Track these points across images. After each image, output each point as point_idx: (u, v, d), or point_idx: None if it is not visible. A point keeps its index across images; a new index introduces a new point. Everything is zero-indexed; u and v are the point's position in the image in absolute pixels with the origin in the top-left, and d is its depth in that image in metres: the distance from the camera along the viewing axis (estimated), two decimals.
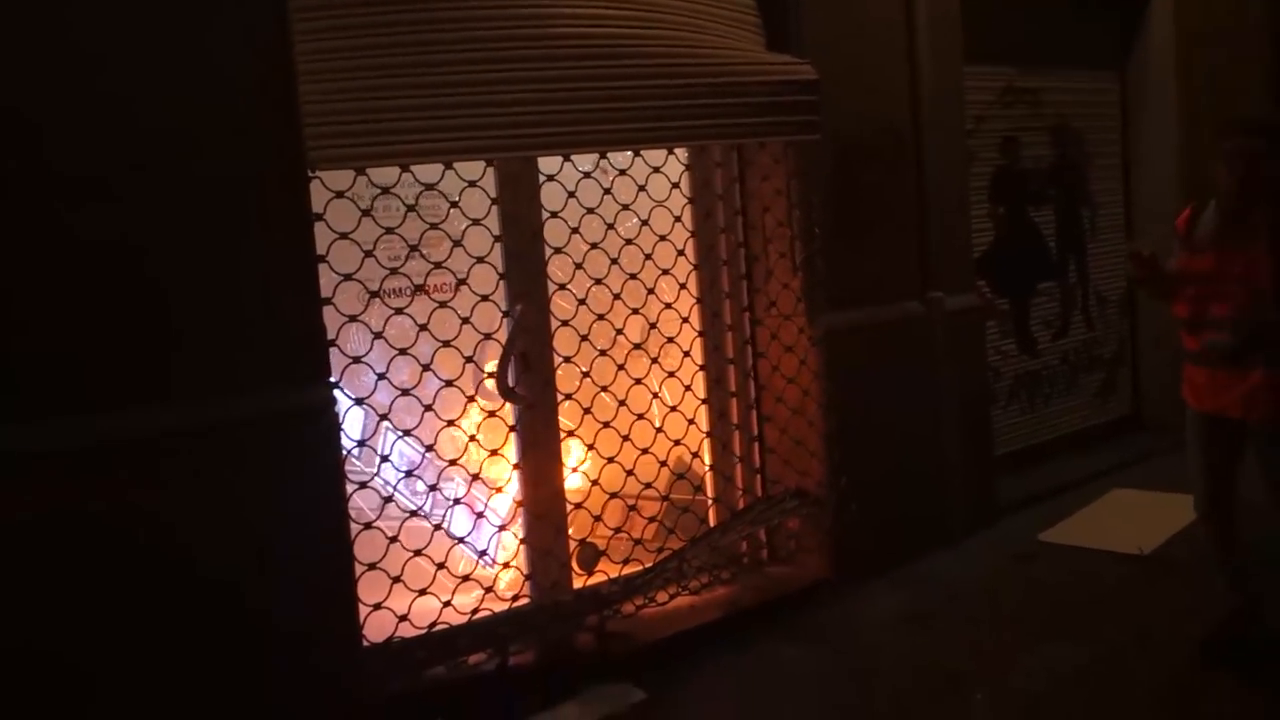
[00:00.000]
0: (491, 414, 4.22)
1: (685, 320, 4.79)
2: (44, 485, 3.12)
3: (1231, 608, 4.17)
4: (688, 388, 4.81)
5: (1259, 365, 3.82)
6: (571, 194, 4.34)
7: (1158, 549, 5.42)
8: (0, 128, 3.09)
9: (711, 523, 4.96)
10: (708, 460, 5.03)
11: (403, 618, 3.91)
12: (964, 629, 4.71)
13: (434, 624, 4.02)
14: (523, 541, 4.40)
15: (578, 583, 4.64)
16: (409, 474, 4.02)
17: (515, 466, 4.36)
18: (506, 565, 4.34)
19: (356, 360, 3.79)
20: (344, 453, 3.69)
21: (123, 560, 3.24)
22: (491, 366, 4.33)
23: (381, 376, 3.85)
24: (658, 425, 4.73)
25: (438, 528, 4.09)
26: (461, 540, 4.17)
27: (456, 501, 4.24)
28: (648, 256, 4.60)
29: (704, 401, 4.94)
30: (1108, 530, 5.77)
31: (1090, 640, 4.48)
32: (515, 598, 4.32)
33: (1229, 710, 3.89)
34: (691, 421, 4.85)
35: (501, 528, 4.33)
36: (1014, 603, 4.97)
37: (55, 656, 3.15)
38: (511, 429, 4.30)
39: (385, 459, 3.94)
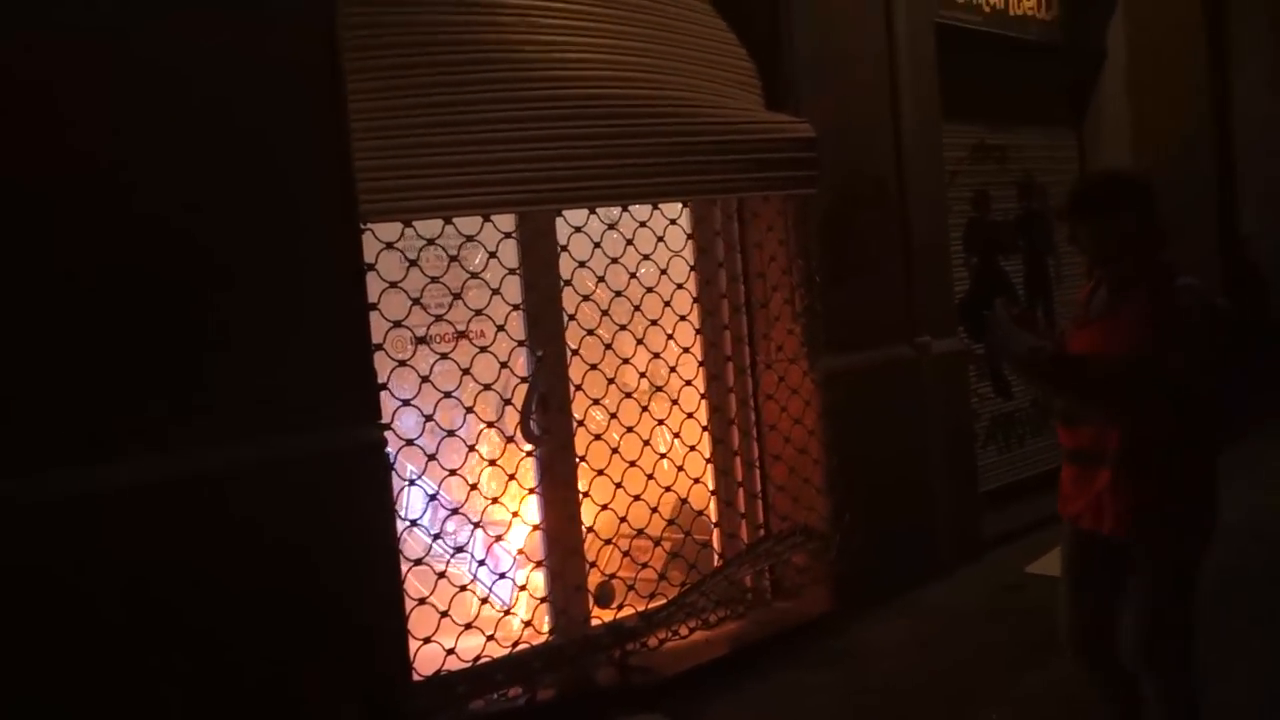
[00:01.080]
0: (530, 453, 4.42)
1: (701, 364, 5.04)
2: None
3: None
4: (705, 428, 5.05)
5: (1106, 464, 3.19)
6: (597, 245, 4.62)
7: None
8: (86, 182, 3.28)
9: (726, 558, 5.17)
10: (713, 499, 5.26)
11: (450, 651, 4.07)
12: (967, 652, 4.95)
13: (478, 658, 4.17)
14: (552, 576, 4.57)
15: (597, 619, 4.81)
16: (455, 512, 4.19)
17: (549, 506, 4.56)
18: (544, 599, 4.51)
19: (406, 403, 3.99)
20: (394, 491, 3.86)
21: (195, 581, 3.38)
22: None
23: (429, 419, 4.06)
24: (679, 464, 4.96)
25: (481, 563, 4.27)
26: (502, 576, 4.35)
27: (498, 539, 4.42)
28: (667, 304, 4.89)
29: (718, 442, 5.18)
30: None
31: None
32: (551, 631, 4.49)
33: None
34: (709, 461, 5.09)
35: (538, 564, 4.50)
36: (1010, 628, 5.21)
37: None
38: (546, 467, 4.51)
39: (434, 497, 4.11)
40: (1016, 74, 7.36)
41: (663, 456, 4.93)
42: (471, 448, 4.19)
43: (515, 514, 4.40)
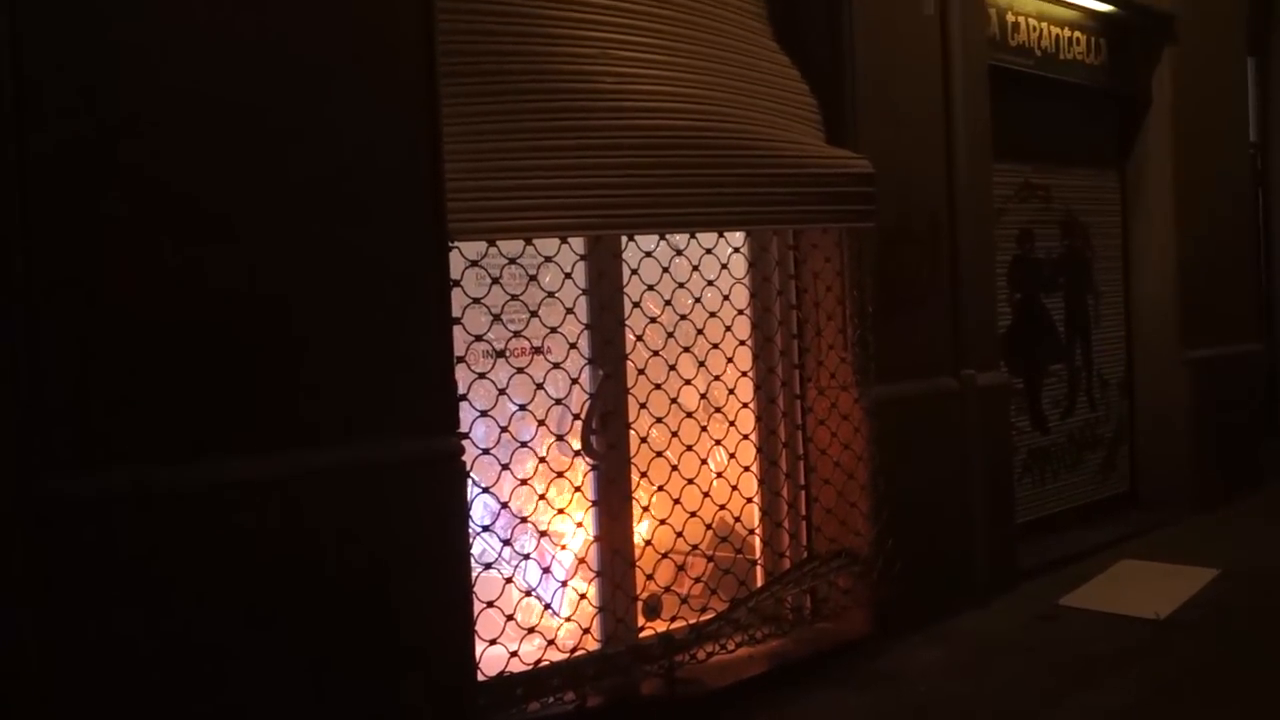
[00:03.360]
0: (594, 467, 4.60)
1: (759, 388, 5.23)
2: None
3: None
4: (759, 450, 5.22)
5: None
6: (665, 269, 4.80)
7: (1171, 614, 5.84)
8: (186, 204, 3.48)
9: (773, 576, 5.34)
10: (763, 519, 5.42)
11: (513, 654, 4.24)
12: (1003, 678, 5.09)
13: (537, 662, 4.35)
14: (608, 586, 4.74)
15: (649, 630, 4.98)
16: (523, 521, 4.37)
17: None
18: (600, 609, 4.67)
19: (484, 414, 4.18)
20: (469, 498, 4.05)
21: (278, 579, 3.58)
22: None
23: (504, 430, 4.25)
24: (733, 484, 5.13)
25: (546, 570, 4.44)
26: (563, 585, 4.53)
27: (561, 548, 4.59)
28: (728, 329, 5.08)
29: (770, 464, 5.35)
30: (1122, 596, 6.19)
31: (1119, 691, 4.88)
32: (605, 639, 4.65)
33: None
34: (761, 482, 5.26)
35: (596, 575, 4.67)
36: (1045, 657, 5.35)
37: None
38: (606, 481, 4.69)
39: (504, 505, 4.29)
40: (1063, 116, 7.57)
41: (719, 475, 5.10)
42: (542, 459, 4.37)
43: (580, 524, 4.58)
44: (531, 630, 4.35)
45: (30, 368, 3.19)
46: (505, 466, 4.25)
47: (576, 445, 4.61)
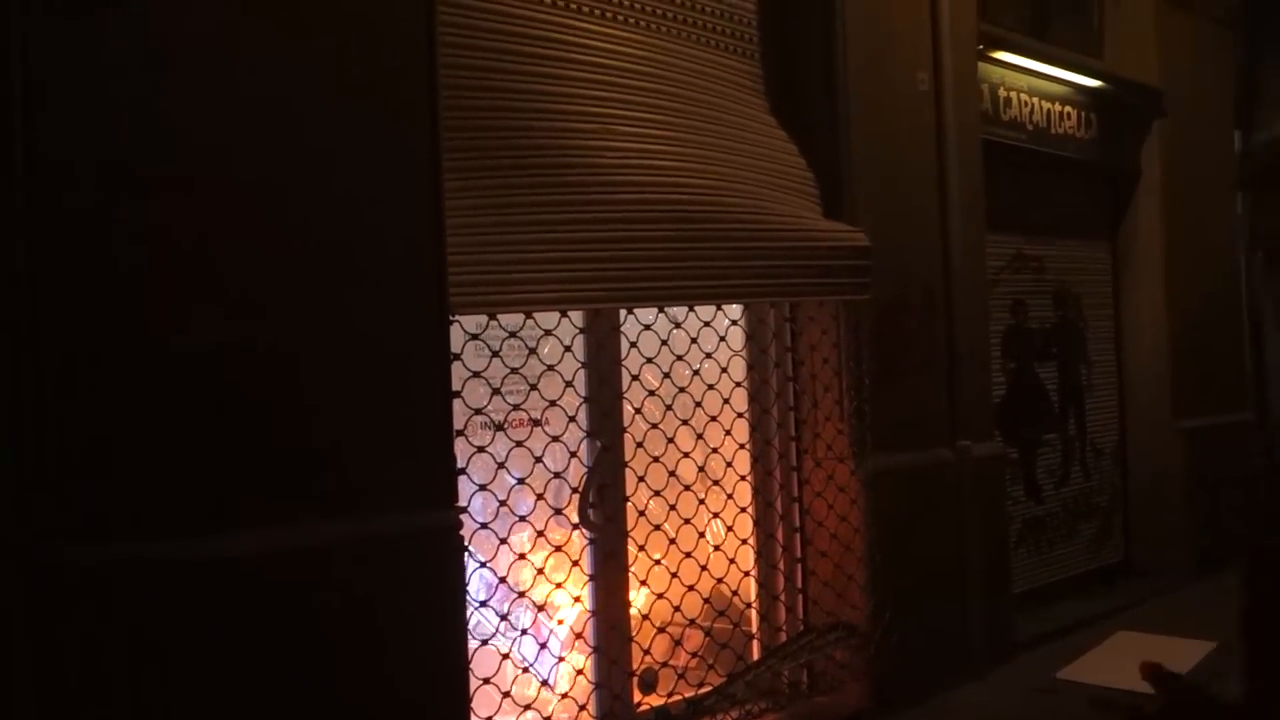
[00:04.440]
0: (591, 540, 4.58)
1: (756, 460, 5.22)
2: None
3: None
4: (757, 522, 5.22)
5: None
6: (664, 342, 4.82)
7: None
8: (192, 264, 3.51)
9: (769, 649, 5.30)
10: (760, 591, 5.39)
11: None
12: None
13: None
14: (604, 660, 4.70)
15: (645, 705, 4.92)
16: (521, 595, 4.34)
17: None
18: (597, 686, 4.63)
19: (482, 488, 4.17)
20: (466, 572, 4.02)
21: (270, 652, 3.55)
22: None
23: (502, 503, 4.23)
24: (730, 557, 5.11)
25: (543, 646, 4.41)
26: (560, 660, 4.49)
27: (559, 622, 4.56)
28: (726, 401, 5.08)
29: (768, 537, 5.34)
30: (1121, 669, 6.11)
31: None
32: (602, 715, 4.61)
33: None
34: (759, 555, 5.25)
35: (594, 650, 4.63)
36: None
37: None
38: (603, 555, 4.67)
39: (502, 580, 4.26)
40: (1055, 189, 7.68)
41: (716, 548, 5.08)
42: (540, 533, 4.36)
43: (577, 599, 4.55)
44: (528, 707, 4.30)
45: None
46: (503, 541, 4.24)
47: (574, 518, 4.59)
